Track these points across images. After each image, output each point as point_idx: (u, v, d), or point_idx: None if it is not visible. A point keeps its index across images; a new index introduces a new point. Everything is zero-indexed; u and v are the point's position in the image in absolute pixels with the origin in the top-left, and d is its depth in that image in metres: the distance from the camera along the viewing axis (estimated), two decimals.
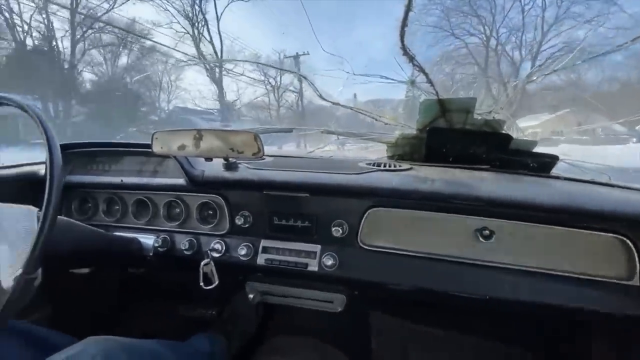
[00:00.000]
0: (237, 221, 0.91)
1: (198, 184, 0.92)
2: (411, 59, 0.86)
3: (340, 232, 0.83)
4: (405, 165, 0.97)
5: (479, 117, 1.01)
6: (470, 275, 0.77)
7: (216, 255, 0.90)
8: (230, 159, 0.88)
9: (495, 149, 1.01)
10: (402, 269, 0.81)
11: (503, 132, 1.01)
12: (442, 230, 0.79)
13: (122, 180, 0.99)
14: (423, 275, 0.79)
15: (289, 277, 0.92)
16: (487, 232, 0.75)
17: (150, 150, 0.84)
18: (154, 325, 1.20)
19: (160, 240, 0.94)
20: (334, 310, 0.96)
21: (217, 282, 0.87)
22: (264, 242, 0.90)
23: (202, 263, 0.86)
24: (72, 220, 0.80)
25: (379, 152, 1.25)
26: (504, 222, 0.74)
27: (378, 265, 0.82)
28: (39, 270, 0.52)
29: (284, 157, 1.08)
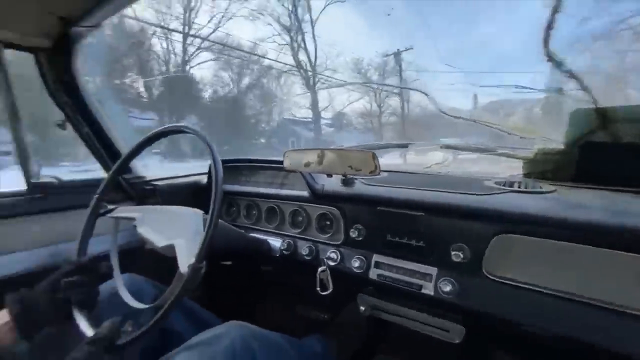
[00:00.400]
0: (351, 234, 0.96)
1: (318, 196, 1.01)
2: (558, 65, 0.72)
3: (461, 256, 0.76)
4: (547, 187, 0.83)
5: None
6: (636, 331, 0.59)
7: (332, 263, 0.96)
8: (347, 176, 0.94)
9: None
10: (537, 308, 0.68)
11: None
12: (596, 268, 0.63)
13: (260, 191, 1.18)
14: (564, 320, 0.65)
15: (402, 297, 0.90)
16: None
17: (281, 165, 0.98)
18: (275, 318, 1.36)
19: (285, 244, 1.07)
20: (450, 340, 0.88)
21: (331, 289, 0.93)
22: (376, 257, 0.92)
23: (319, 269, 0.94)
24: (223, 222, 1.00)
25: (510, 168, 1.09)
26: None
27: (506, 300, 0.72)
28: (204, 262, 0.67)
29: (401, 173, 1.08)
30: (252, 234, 1.18)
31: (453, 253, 0.78)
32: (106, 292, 0.79)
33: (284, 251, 1.07)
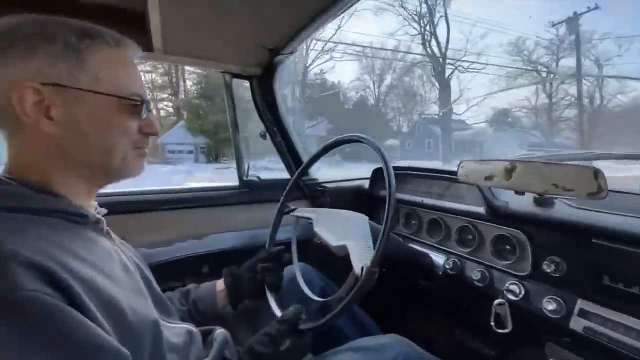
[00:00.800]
0: (544, 266, 0.77)
1: (500, 216, 0.86)
2: None
3: None
4: None
5: None
6: None
7: (512, 298, 0.81)
8: (547, 195, 0.76)
9: None
10: None
11: None
12: None
13: (422, 201, 1.13)
14: None
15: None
16: None
17: (454, 177, 0.89)
18: (430, 337, 1.27)
19: (451, 263, 0.98)
20: None
21: (510, 329, 0.78)
22: (582, 304, 0.70)
23: (496, 302, 0.80)
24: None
25: None
26: None
27: None
28: (377, 268, 0.67)
29: (628, 195, 0.79)
30: (412, 245, 1.14)
31: None
32: (287, 277, 0.94)
33: (448, 270, 0.98)
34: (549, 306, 0.73)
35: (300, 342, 0.68)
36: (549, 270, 0.76)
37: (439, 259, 1.03)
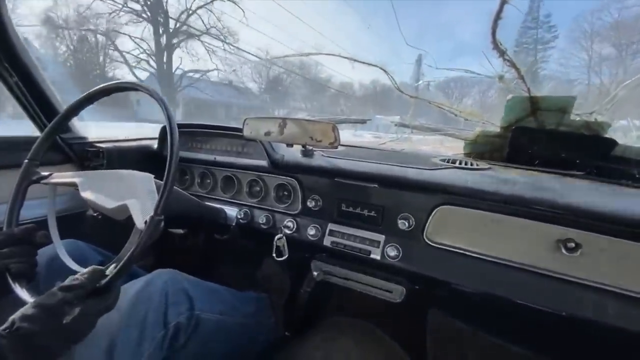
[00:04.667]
0: (308, 203, 0.99)
1: (278, 166, 1.02)
2: (502, 53, 0.80)
3: (406, 225, 0.84)
4: (483, 165, 0.93)
5: (578, 118, 0.90)
6: (547, 288, 0.72)
7: (288, 232, 1.00)
8: (307, 147, 0.96)
9: (594, 154, 0.90)
10: (468, 270, 0.79)
11: (606, 136, 0.89)
12: (518, 236, 0.75)
13: (215, 158, 1.15)
14: (491, 280, 0.77)
15: (351, 262, 0.97)
16: (572, 244, 0.69)
17: (240, 133, 0.96)
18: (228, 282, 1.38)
19: (242, 213, 1.08)
20: (392, 300, 0.99)
21: (287, 255, 0.97)
22: (331, 226, 0.97)
23: (276, 237, 0.97)
24: (177, 188, 0.96)
25: (454, 148, 1.20)
26: (594, 236, 0.68)
27: (442, 263, 0.82)
28: (162, 216, 0.64)
29: (357, 148, 1.12)
30: (207, 203, 1.16)
31: (400, 222, 0.85)
32: (44, 258, 0.74)
33: (240, 220, 1.08)
34: (311, 232, 0.96)
35: (100, 304, 0.55)
36: (310, 206, 0.98)
37: (232, 212, 1.11)
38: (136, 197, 0.68)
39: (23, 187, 0.73)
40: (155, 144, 1.27)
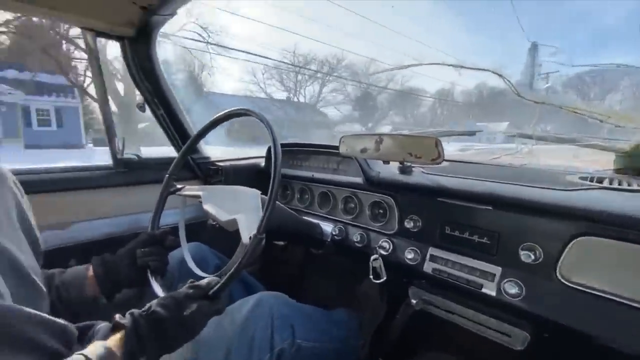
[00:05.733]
0: (406, 224, 0.92)
1: (373, 183, 0.98)
2: None
3: (532, 257, 0.69)
4: None
5: None
6: None
7: (383, 252, 0.94)
8: (406, 163, 0.90)
9: None
10: (617, 321, 0.59)
11: None
12: None
13: (313, 175, 1.19)
14: None
15: (457, 294, 0.85)
16: None
17: (336, 151, 0.97)
18: (322, 296, 1.39)
19: (337, 230, 1.08)
20: (510, 346, 0.81)
21: (385, 278, 0.91)
22: (432, 250, 0.87)
23: (372, 257, 0.92)
24: (279, 203, 1.03)
25: (598, 162, 0.95)
26: None
27: (582, 309, 0.63)
28: (264, 234, 0.69)
29: (464, 163, 1.00)
30: (304, 217, 1.20)
31: (522, 253, 0.70)
32: (176, 260, 0.88)
33: (335, 236, 1.08)
34: (409, 255, 0.88)
35: (212, 307, 0.64)
36: (409, 227, 0.91)
37: (327, 227, 1.12)
38: (244, 212, 0.75)
39: (164, 197, 0.89)
40: (263, 162, 1.40)
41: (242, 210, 0.75)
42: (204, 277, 0.77)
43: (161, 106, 1.17)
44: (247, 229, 0.70)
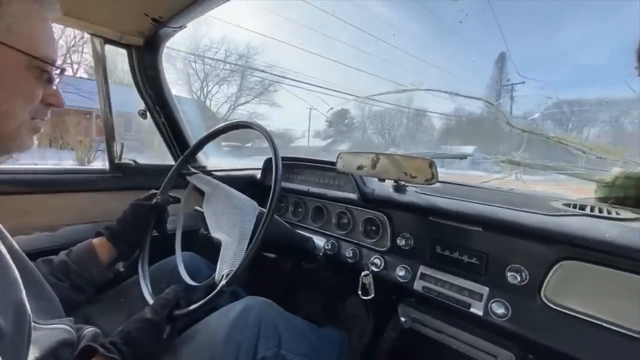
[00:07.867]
0: (398, 241, 0.94)
1: (367, 200, 1.01)
2: None
3: (518, 279, 0.72)
4: (628, 214, 0.74)
5: None
6: None
7: (375, 269, 0.95)
8: (400, 182, 0.93)
9: None
10: (600, 344, 0.61)
11: None
12: None
13: (308, 189, 1.21)
14: None
15: (446, 313, 0.87)
16: None
17: (333, 167, 1.00)
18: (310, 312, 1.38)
19: (329, 244, 1.09)
20: None
21: (373, 295, 0.92)
22: (423, 269, 0.89)
23: (362, 274, 0.94)
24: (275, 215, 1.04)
25: (580, 190, 1.00)
26: None
27: (566, 330, 0.66)
28: (230, 288, 0.67)
29: (456, 185, 1.04)
30: (298, 231, 1.21)
31: (509, 274, 0.73)
32: (169, 267, 0.88)
33: (327, 251, 1.09)
34: (400, 272, 0.90)
35: (175, 329, 0.65)
36: (401, 244, 0.93)
37: (320, 241, 1.13)
38: (231, 237, 0.74)
39: (174, 174, 0.95)
40: (259, 174, 1.42)
41: (232, 232, 0.76)
42: (195, 286, 0.78)
43: (162, 114, 1.19)
44: (226, 263, 0.70)
